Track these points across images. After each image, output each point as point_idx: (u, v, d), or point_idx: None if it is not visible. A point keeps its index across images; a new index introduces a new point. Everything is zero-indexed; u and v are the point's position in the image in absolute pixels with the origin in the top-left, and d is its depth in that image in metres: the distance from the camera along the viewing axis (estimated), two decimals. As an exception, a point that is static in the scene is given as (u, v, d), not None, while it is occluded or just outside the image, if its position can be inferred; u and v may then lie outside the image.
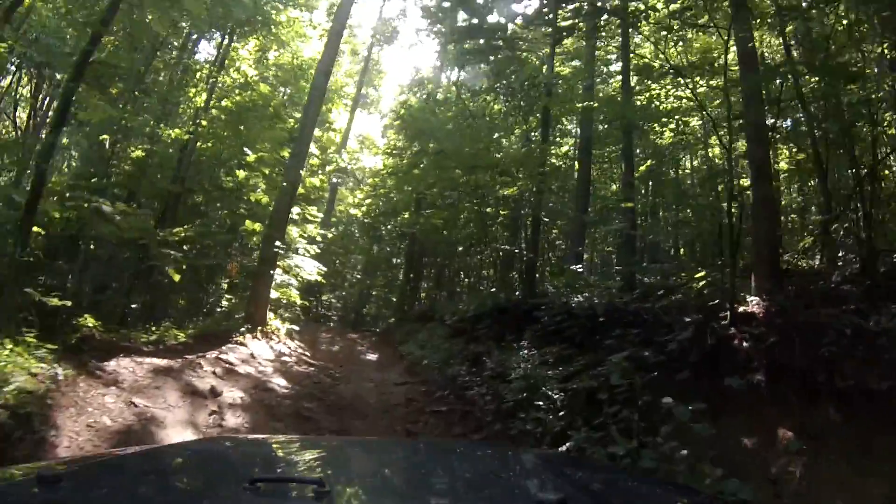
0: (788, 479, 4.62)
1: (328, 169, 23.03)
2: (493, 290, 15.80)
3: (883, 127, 7.83)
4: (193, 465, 2.18)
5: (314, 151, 16.35)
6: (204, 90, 16.00)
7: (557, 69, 15.09)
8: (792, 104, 8.23)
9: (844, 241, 7.95)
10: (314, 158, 17.38)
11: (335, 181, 25.78)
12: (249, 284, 14.77)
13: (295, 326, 15.46)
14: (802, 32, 8.83)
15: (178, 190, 14.88)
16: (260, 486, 1.56)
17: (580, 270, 11.53)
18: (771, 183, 7.98)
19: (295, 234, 16.01)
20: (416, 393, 10.28)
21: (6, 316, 7.61)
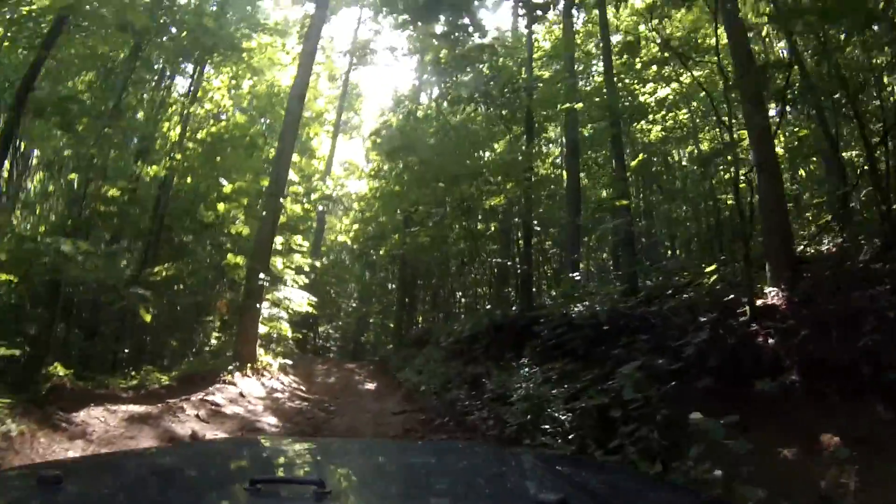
0: (840, 492, 3.96)
1: (313, 197, 22.55)
2: (489, 307, 15.16)
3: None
4: (194, 465, 2.18)
5: (294, 178, 15.83)
6: (178, 124, 15.51)
7: (537, 72, 14.61)
8: (792, 76, 7.58)
9: (863, 216, 7.32)
10: (295, 185, 16.84)
11: (321, 209, 25.27)
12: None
13: (288, 361, 14.96)
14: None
15: (156, 228, 14.33)
16: (260, 486, 1.55)
17: (577, 278, 10.92)
18: (777, 165, 7.38)
19: (280, 265, 15.43)
20: (414, 422, 9.63)
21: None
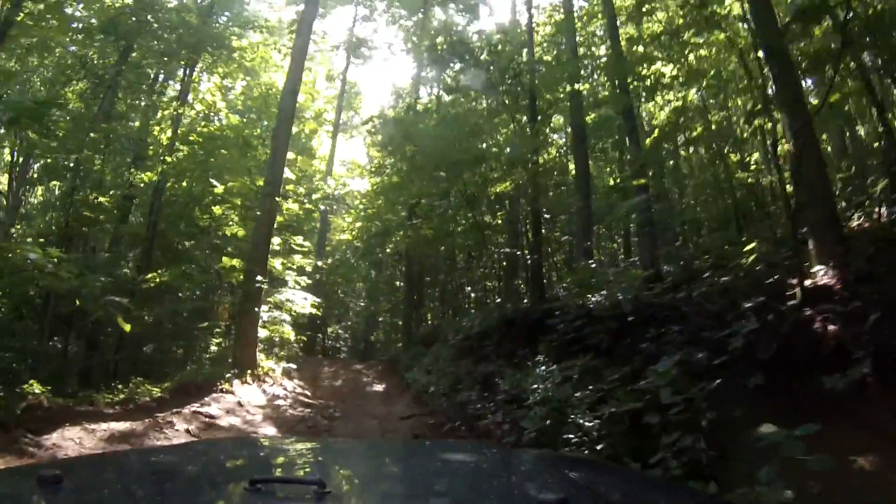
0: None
1: (314, 197, 22.08)
2: (499, 301, 14.41)
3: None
4: (194, 465, 2.17)
5: (290, 176, 15.19)
6: (168, 127, 14.94)
7: (539, 55, 13.88)
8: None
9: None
10: (292, 184, 16.19)
11: (324, 209, 24.75)
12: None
13: (292, 365, 14.48)
14: None
15: (150, 234, 13.84)
16: (260, 486, 1.53)
17: (593, 266, 10.18)
18: (813, 132, 6.59)
19: (279, 266, 14.84)
20: (423, 427, 9.04)
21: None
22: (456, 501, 1.82)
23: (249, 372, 11.86)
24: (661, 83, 10.17)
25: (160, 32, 13.52)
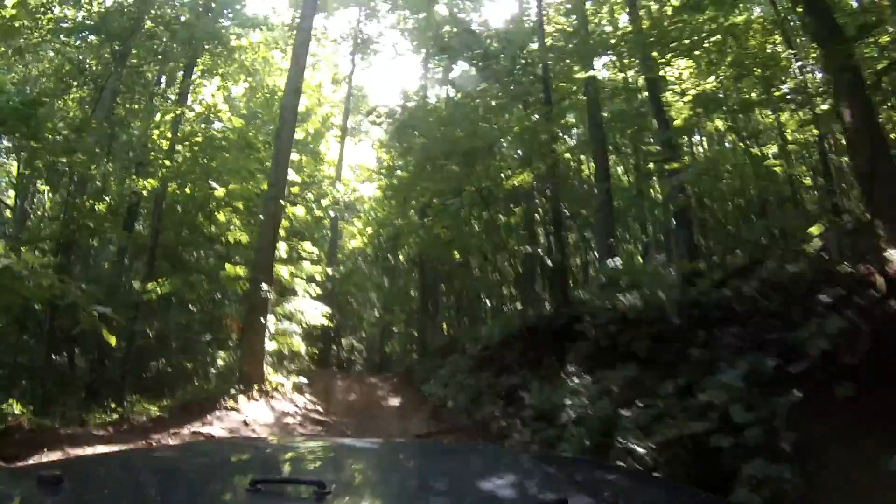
0: None
1: (324, 203, 21.58)
2: (519, 307, 13.64)
3: None
4: (194, 466, 2.16)
5: (295, 179, 14.57)
6: (168, 130, 14.38)
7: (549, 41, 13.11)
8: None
9: None
10: (297, 186, 15.59)
11: (334, 215, 24.22)
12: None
13: (303, 379, 13.82)
14: None
15: (151, 242, 13.31)
16: (260, 486, 1.54)
17: (618, 265, 9.42)
18: (869, 100, 5.80)
19: (287, 274, 14.20)
20: (441, 446, 8.26)
21: None
22: (456, 501, 1.82)
23: (257, 387, 11.22)
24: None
25: (154, 29, 12.96)
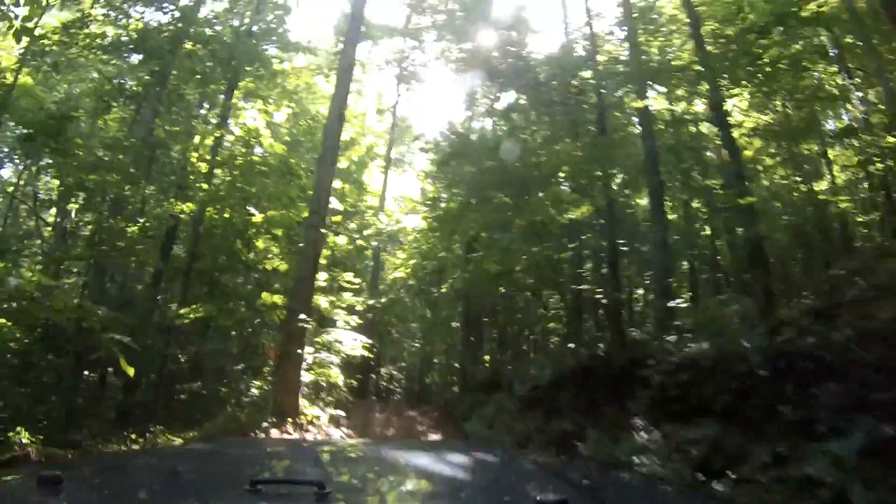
0: None
1: (367, 233, 21.38)
2: (571, 345, 12.88)
3: None
4: (195, 466, 2.18)
5: (337, 207, 14.26)
6: (207, 153, 14.31)
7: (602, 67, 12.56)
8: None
9: None
10: (340, 215, 15.28)
11: (377, 245, 23.97)
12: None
13: (340, 412, 13.31)
14: None
15: (186, 267, 13.06)
16: (260, 487, 1.55)
17: (680, 304, 8.72)
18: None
19: (326, 303, 13.82)
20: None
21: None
22: (456, 502, 1.85)
23: (290, 420, 10.85)
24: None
25: (194, 48, 12.90)
